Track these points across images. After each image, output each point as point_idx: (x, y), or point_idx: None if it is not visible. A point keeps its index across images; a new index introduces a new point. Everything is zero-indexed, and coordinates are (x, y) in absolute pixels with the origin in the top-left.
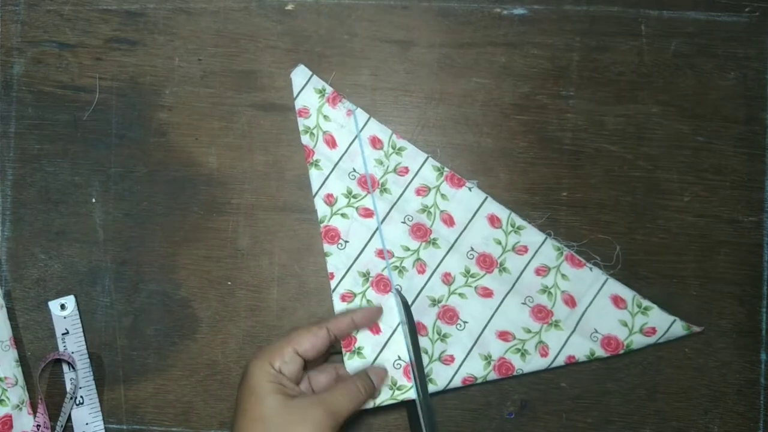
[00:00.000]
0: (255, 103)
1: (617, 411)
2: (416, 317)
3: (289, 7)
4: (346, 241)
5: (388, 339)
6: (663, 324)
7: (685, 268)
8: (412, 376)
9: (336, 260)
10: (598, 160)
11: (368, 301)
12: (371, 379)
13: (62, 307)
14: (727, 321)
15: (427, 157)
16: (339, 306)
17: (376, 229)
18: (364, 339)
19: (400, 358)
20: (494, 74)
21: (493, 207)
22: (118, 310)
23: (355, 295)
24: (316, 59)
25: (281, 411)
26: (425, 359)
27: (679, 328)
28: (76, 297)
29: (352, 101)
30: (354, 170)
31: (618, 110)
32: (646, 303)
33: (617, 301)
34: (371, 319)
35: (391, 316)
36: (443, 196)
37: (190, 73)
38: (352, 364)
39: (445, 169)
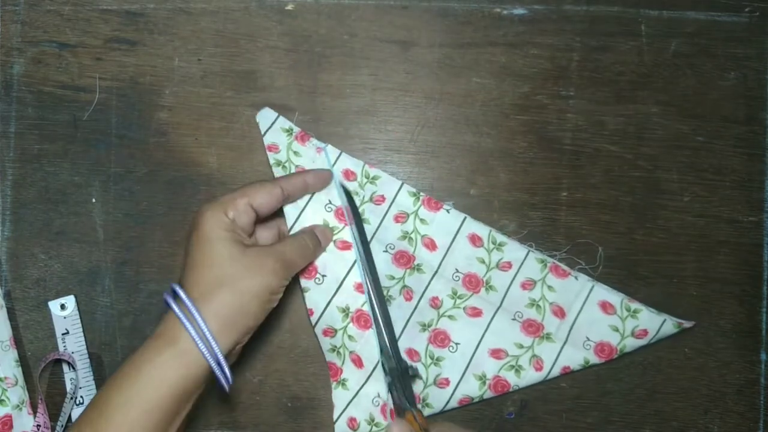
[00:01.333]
0: (255, 103)
1: (617, 411)
2: (408, 344)
3: (289, 7)
4: (324, 276)
5: (370, 374)
6: (654, 325)
7: (685, 268)
8: (358, 264)
9: (314, 296)
10: (598, 160)
11: (350, 336)
12: (317, 236)
13: (62, 307)
14: (727, 321)
15: (402, 184)
16: (323, 340)
17: (354, 261)
18: (348, 371)
19: (378, 396)
20: (494, 74)
21: (473, 226)
22: (118, 310)
23: (336, 330)
24: (316, 59)
25: (235, 259)
26: (420, 385)
27: (669, 327)
28: (76, 297)
29: (353, 102)
30: (330, 202)
31: (618, 110)
32: (634, 306)
33: (606, 306)
34: (323, 181)
35: (372, 352)
36: (422, 220)
37: (190, 73)
38: (338, 394)
39: (421, 193)
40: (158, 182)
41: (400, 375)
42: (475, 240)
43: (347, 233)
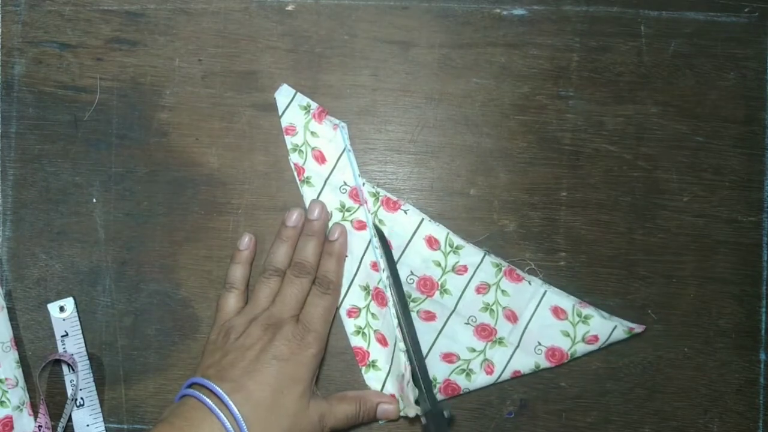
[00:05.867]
0: (255, 104)
1: (617, 411)
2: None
3: (290, 7)
4: (346, 256)
5: (393, 351)
6: (604, 331)
7: (684, 268)
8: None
9: None
10: (598, 160)
11: (373, 314)
12: (375, 409)
13: (61, 309)
14: (727, 321)
15: (363, 183)
16: (347, 322)
17: (369, 240)
18: (376, 352)
19: (403, 374)
20: (494, 74)
21: (431, 228)
22: (118, 309)
23: (360, 309)
24: (316, 60)
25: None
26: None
27: (620, 333)
28: (75, 298)
29: (353, 102)
30: (345, 183)
31: (617, 110)
32: (586, 311)
33: (558, 312)
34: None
35: (391, 329)
36: (380, 221)
37: (191, 73)
38: (371, 377)
39: (380, 193)
40: (159, 182)
41: (434, 417)
42: (431, 242)
43: (362, 213)
